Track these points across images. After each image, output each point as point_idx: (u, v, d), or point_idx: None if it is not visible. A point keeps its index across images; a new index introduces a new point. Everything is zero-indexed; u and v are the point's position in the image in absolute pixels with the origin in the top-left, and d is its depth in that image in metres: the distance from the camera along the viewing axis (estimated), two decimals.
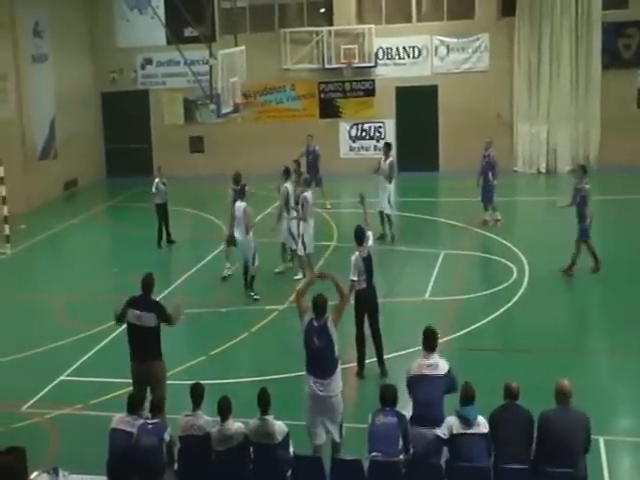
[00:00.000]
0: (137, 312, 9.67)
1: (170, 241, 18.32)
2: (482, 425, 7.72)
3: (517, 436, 7.66)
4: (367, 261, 11.36)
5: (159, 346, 9.74)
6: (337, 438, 8.77)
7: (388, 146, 18.42)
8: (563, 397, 7.65)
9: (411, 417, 8.11)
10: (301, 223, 15.23)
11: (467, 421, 7.68)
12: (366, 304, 11.36)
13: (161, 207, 18.10)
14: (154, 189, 18.04)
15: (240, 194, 15.03)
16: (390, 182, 17.76)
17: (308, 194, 15.19)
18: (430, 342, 8.48)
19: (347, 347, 12.18)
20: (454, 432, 7.71)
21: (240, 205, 14.68)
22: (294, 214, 15.33)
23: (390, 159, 17.99)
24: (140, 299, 9.79)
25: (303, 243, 15.23)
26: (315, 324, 8.80)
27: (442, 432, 7.81)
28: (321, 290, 9.16)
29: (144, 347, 9.68)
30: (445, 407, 8.19)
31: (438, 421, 7.99)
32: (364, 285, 11.33)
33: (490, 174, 18.47)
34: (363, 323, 11.42)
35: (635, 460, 9.43)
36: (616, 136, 23.37)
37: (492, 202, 18.62)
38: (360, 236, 11.42)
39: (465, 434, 7.66)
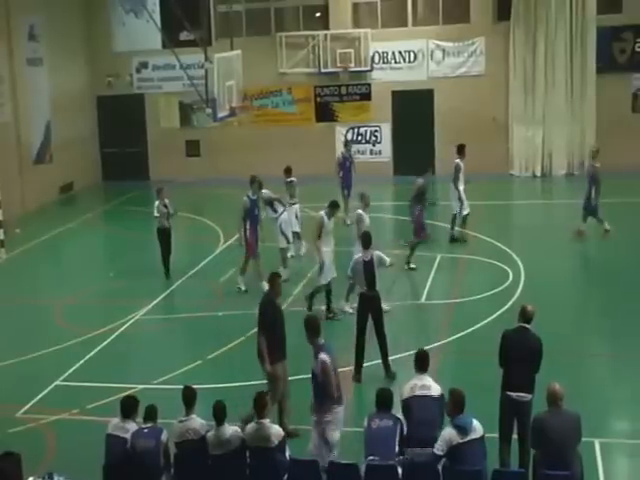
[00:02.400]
0: None
1: (167, 273, 16.42)
2: (478, 429, 7.68)
3: (526, 359, 8.46)
4: (368, 265, 11.40)
5: (270, 347, 9.81)
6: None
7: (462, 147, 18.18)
8: (555, 400, 7.70)
9: (407, 437, 8.02)
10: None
11: (465, 430, 7.59)
12: (371, 309, 11.38)
13: (162, 232, 16.39)
14: (156, 212, 16.33)
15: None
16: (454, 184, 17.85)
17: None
18: (421, 363, 8.40)
19: (343, 351, 12.19)
20: (453, 444, 7.59)
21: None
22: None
23: (456, 161, 17.92)
24: None
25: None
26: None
27: (439, 449, 7.64)
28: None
29: None
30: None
31: (434, 442, 7.91)
32: (365, 288, 11.40)
33: (591, 187, 17.45)
34: (365, 329, 11.41)
35: (630, 462, 9.45)
36: (611, 140, 23.37)
37: (594, 214, 17.48)
38: (366, 240, 11.63)
39: (464, 443, 7.58)
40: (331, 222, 13.84)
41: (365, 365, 11.48)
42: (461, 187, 17.79)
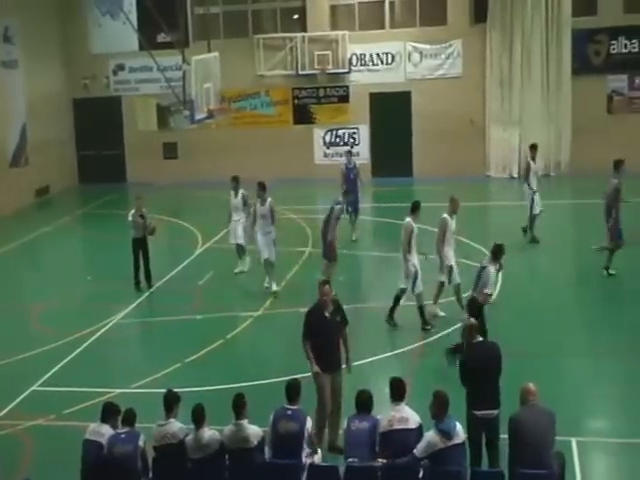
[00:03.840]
0: None
1: (149, 282, 15.75)
2: (461, 435, 7.67)
3: (489, 370, 8.35)
4: (480, 271, 11.49)
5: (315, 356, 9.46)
6: None
7: (533, 147, 17.73)
8: (528, 397, 7.75)
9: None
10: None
11: (448, 435, 7.56)
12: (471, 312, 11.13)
13: (138, 242, 15.61)
14: (130, 218, 15.56)
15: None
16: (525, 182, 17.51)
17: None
18: (397, 392, 8.08)
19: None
20: (436, 449, 7.56)
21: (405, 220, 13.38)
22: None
23: (528, 160, 17.62)
24: None
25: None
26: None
27: (420, 452, 7.61)
28: None
29: None
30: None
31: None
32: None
33: None
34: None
35: (607, 461, 9.52)
36: (587, 141, 23.62)
37: None
38: (499, 252, 11.55)
39: (447, 447, 7.55)
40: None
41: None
42: (534, 186, 17.46)
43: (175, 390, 8.41)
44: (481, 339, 8.64)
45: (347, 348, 9.69)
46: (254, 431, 7.97)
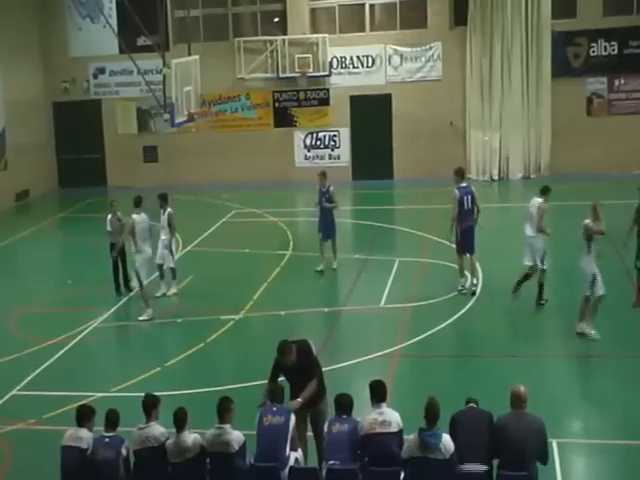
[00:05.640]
0: None
1: (128, 287, 15.73)
2: (446, 450, 7.47)
3: (477, 437, 7.65)
4: None
5: None
6: None
7: None
8: (518, 402, 7.68)
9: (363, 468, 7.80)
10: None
11: (427, 448, 7.46)
12: None
13: (115, 247, 15.51)
14: (108, 227, 15.63)
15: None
16: None
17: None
18: (377, 394, 7.98)
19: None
20: (415, 456, 7.52)
21: (536, 201, 13.67)
22: None
23: None
24: None
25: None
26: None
27: (404, 455, 7.57)
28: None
29: None
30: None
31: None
32: None
33: None
34: None
35: (587, 462, 9.56)
36: (567, 144, 23.78)
37: None
38: None
39: (427, 458, 7.48)
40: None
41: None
42: None
43: (154, 393, 8.38)
44: (472, 405, 8.04)
45: (305, 391, 8.65)
46: (236, 436, 7.93)
